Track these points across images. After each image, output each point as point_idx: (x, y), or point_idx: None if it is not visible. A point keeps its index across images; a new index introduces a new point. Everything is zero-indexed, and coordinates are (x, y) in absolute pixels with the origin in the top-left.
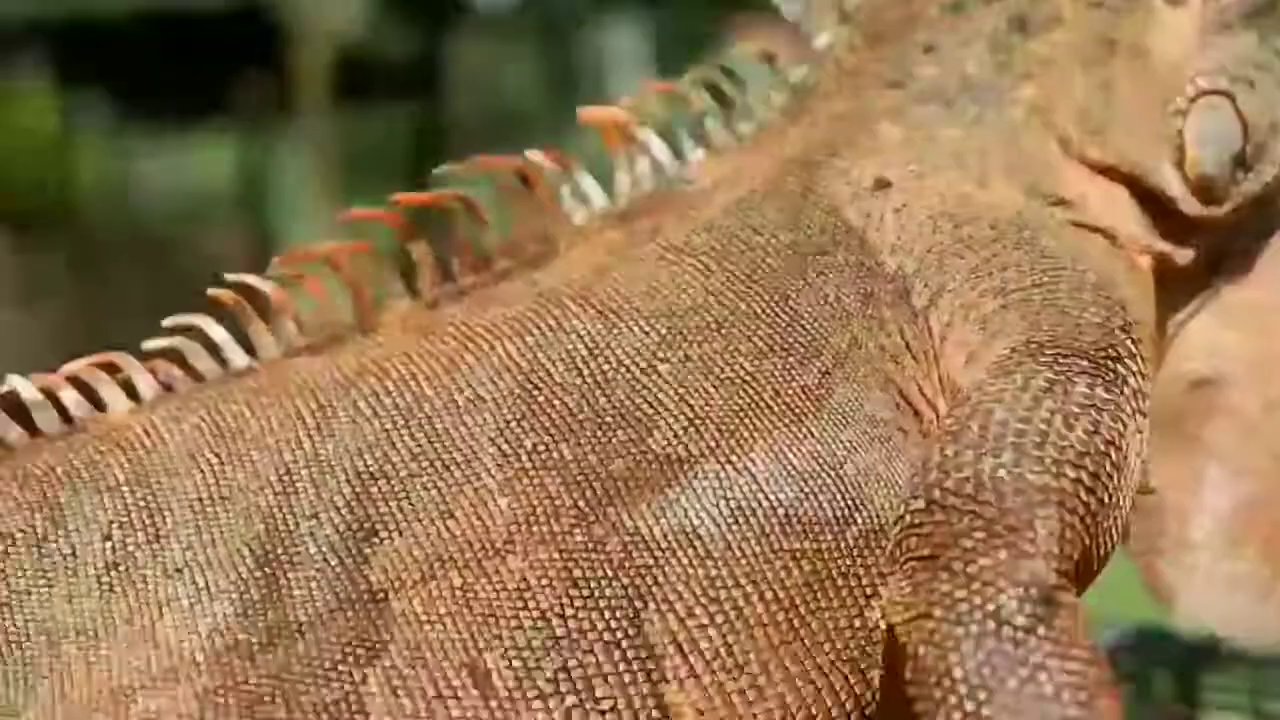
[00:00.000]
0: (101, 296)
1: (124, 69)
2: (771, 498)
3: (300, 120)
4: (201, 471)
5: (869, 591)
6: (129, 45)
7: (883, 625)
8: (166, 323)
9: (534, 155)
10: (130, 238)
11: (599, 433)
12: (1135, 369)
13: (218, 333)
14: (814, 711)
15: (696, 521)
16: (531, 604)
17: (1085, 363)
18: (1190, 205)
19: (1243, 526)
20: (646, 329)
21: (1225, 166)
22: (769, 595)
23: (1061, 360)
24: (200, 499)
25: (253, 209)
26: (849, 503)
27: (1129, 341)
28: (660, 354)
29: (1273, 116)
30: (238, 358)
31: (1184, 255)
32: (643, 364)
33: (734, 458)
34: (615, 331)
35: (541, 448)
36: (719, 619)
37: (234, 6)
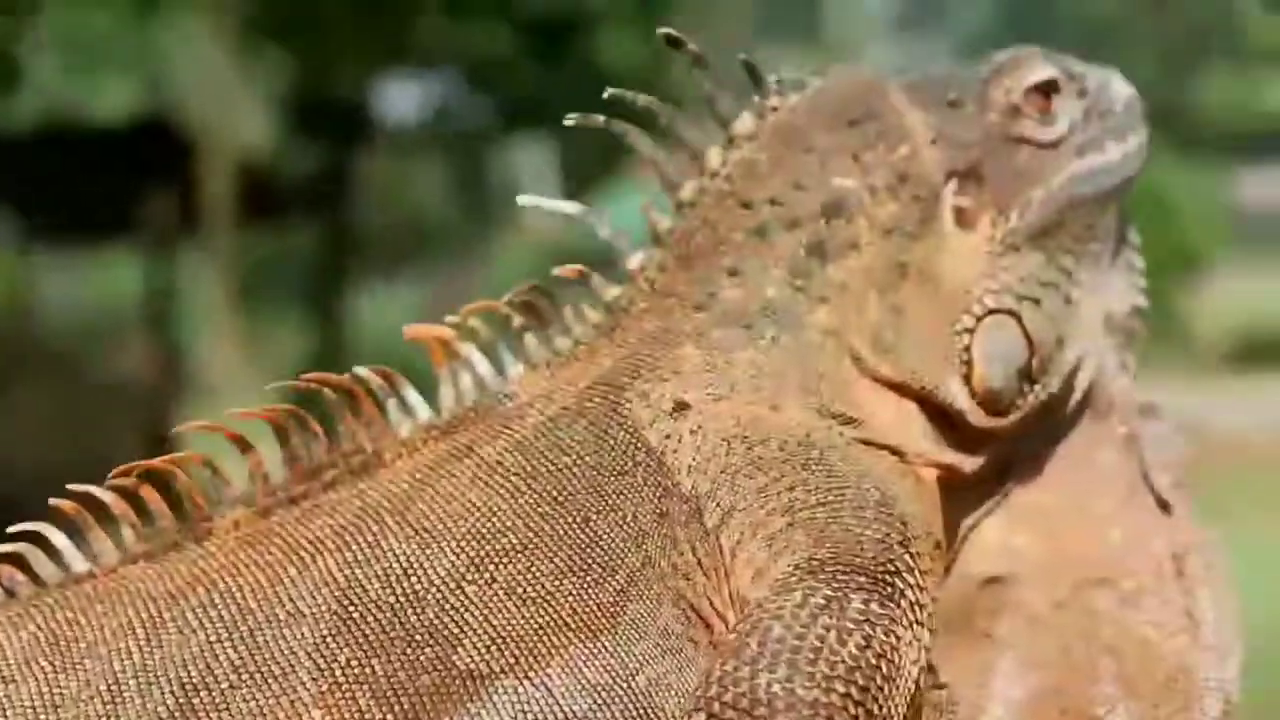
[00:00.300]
0: (6, 413)
1: (29, 187)
2: (566, 710)
3: (207, 237)
4: (36, 679)
5: None
6: (34, 162)
7: None
8: (11, 530)
9: (361, 370)
10: (35, 355)
11: (409, 649)
12: (913, 582)
13: (58, 539)
14: None
15: None
16: None
17: (863, 579)
18: (978, 418)
19: (1032, 716)
20: (457, 550)
21: (1011, 380)
22: None
23: (840, 577)
24: (34, 707)
25: (160, 326)
26: (640, 712)
27: (907, 556)
28: (468, 575)
29: (1058, 332)
30: (77, 563)
31: (972, 464)
32: (452, 584)
33: (532, 673)
34: (428, 551)
35: (355, 662)
36: None
37: (141, 122)
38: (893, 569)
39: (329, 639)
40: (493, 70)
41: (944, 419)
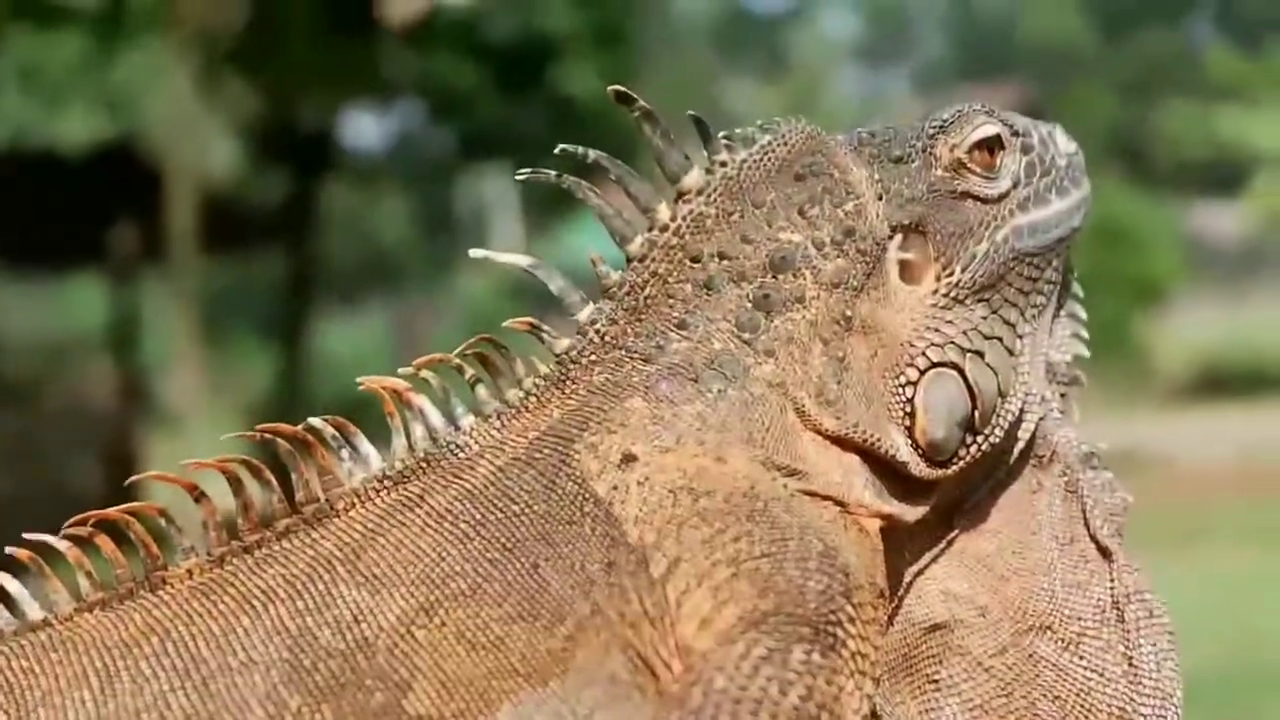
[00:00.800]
0: None
1: None
2: None
3: (171, 265)
4: None
5: None
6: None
7: None
8: None
9: (315, 421)
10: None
11: (359, 695)
12: (855, 632)
13: (14, 587)
14: None
15: None
16: None
17: (806, 630)
18: (921, 469)
19: None
20: (407, 596)
21: (954, 431)
22: None
23: (783, 628)
24: None
25: (124, 354)
26: None
27: (850, 606)
28: (418, 621)
29: (1000, 383)
30: (33, 611)
31: (915, 513)
32: (402, 630)
33: (482, 718)
34: (378, 598)
35: (306, 709)
36: None
37: (105, 151)
38: (835, 620)
39: (280, 687)
40: (456, 101)
41: (888, 470)
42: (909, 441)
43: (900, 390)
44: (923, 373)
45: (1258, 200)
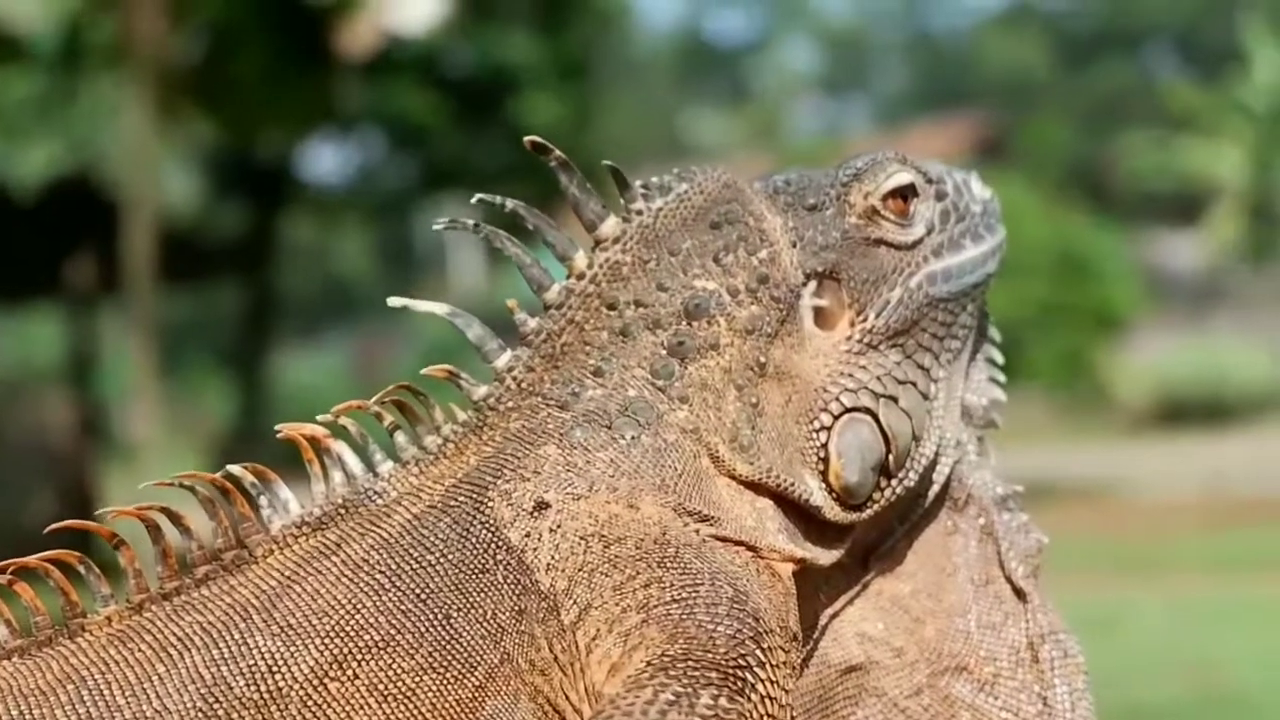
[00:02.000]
0: None
1: None
2: None
3: (128, 297)
4: None
5: None
6: None
7: None
8: None
9: (234, 468)
10: None
11: None
12: (765, 676)
13: None
14: None
15: None
16: None
17: (714, 674)
18: (835, 513)
19: None
20: (320, 647)
21: (868, 476)
22: None
23: (690, 673)
24: None
25: (81, 386)
26: None
27: (759, 651)
28: (331, 672)
29: (915, 428)
30: None
31: (829, 556)
32: (315, 681)
33: None
34: (292, 649)
35: None
36: None
37: (63, 184)
38: (744, 664)
39: None
40: (415, 133)
41: (802, 514)
42: (823, 486)
43: (814, 435)
44: (836, 418)
45: (1217, 230)
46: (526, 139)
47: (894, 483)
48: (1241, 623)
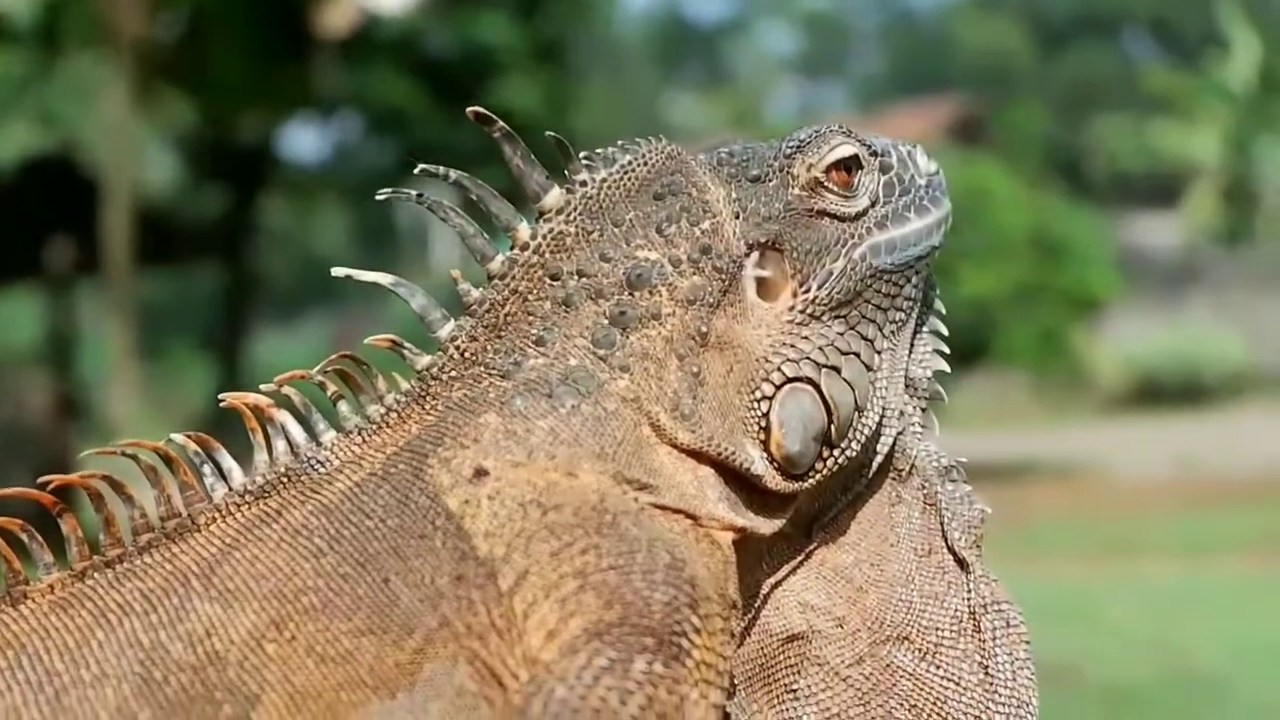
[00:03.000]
0: None
1: None
2: None
3: (107, 279)
4: None
5: None
6: None
7: None
8: None
9: (177, 437)
10: None
11: (208, 707)
12: (701, 643)
13: None
14: None
15: None
16: None
17: (649, 640)
18: (776, 482)
19: None
20: (258, 610)
21: (809, 446)
22: None
23: (625, 639)
24: None
25: (60, 367)
26: None
27: (695, 618)
28: (269, 634)
29: (857, 398)
30: None
31: (771, 526)
32: (252, 643)
33: None
34: (230, 612)
35: None
36: None
37: (42, 166)
38: (680, 630)
39: (131, 699)
40: (395, 115)
41: (743, 483)
42: (764, 455)
43: (755, 405)
44: (778, 388)
45: (1193, 213)
46: (469, 109)
47: (836, 453)
48: (1213, 604)
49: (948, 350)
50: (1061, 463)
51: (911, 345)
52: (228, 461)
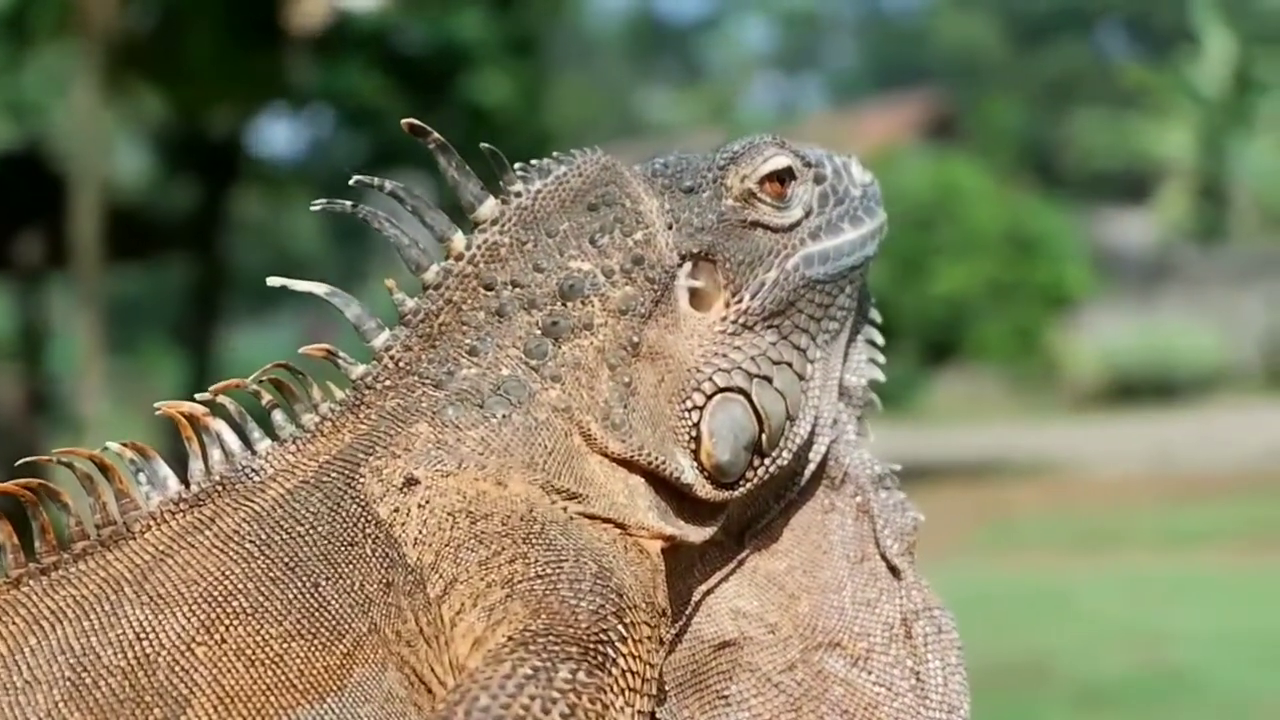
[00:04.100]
0: None
1: None
2: None
3: (76, 273)
4: None
5: None
6: None
7: None
8: None
9: (113, 445)
10: None
11: (138, 711)
12: (627, 651)
13: None
14: None
15: None
16: None
17: (574, 649)
18: (706, 490)
19: None
20: (188, 615)
21: (740, 455)
22: None
23: (550, 647)
24: None
25: (30, 361)
26: None
27: (621, 626)
28: (199, 638)
29: (789, 407)
30: None
31: (702, 534)
32: (183, 647)
33: None
34: (161, 617)
35: None
36: None
37: (11, 158)
38: (605, 639)
39: (61, 704)
40: (367, 110)
41: (674, 492)
42: (695, 464)
43: (686, 415)
44: (709, 397)
45: (1165, 210)
46: (404, 121)
47: (767, 461)
48: (1188, 598)
49: (883, 359)
50: (1036, 459)
51: (846, 354)
52: (163, 470)
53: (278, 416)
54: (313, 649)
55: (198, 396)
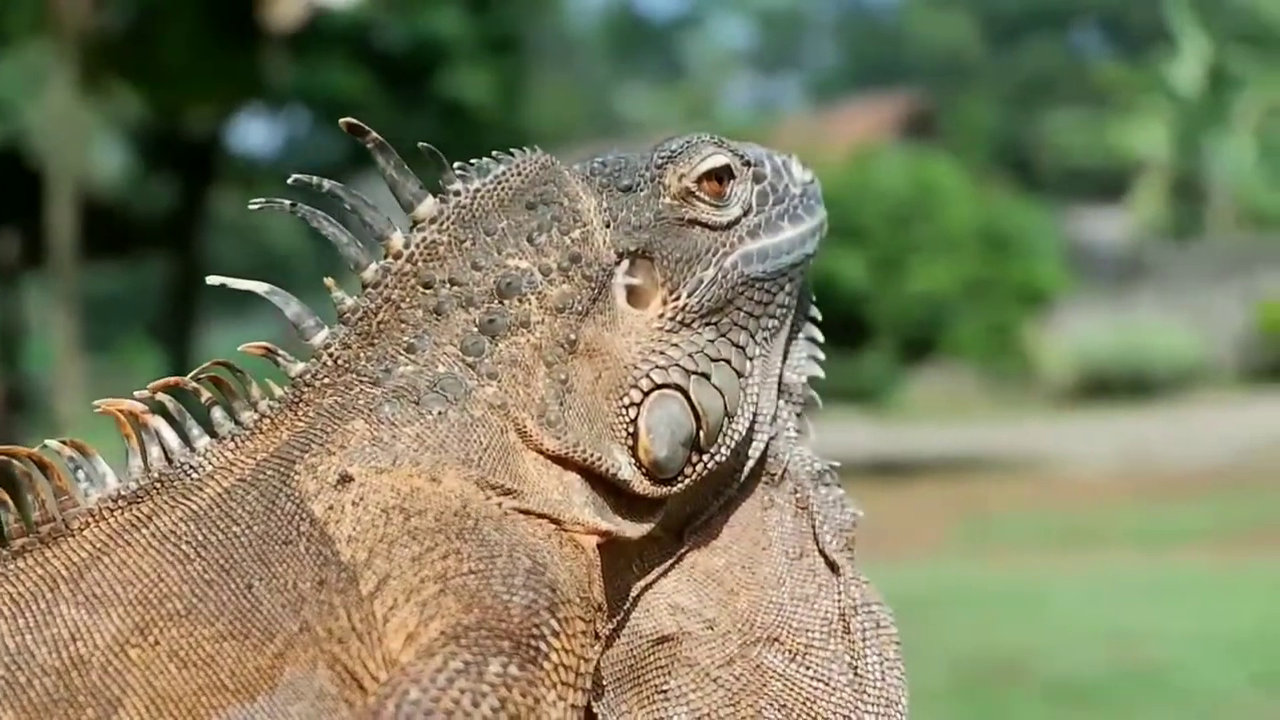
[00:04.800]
0: None
1: None
2: None
3: (53, 271)
4: None
5: None
6: None
7: None
8: None
9: (52, 442)
10: None
11: (71, 711)
12: (559, 645)
13: None
14: None
15: None
16: None
17: (506, 643)
18: (644, 487)
19: None
20: (123, 615)
21: (677, 451)
22: None
23: (481, 642)
24: None
25: (6, 359)
26: None
27: (554, 621)
28: (133, 639)
29: (727, 404)
30: None
31: (639, 530)
32: (116, 648)
33: None
34: (96, 617)
35: None
36: None
37: None
38: (538, 633)
39: None
40: (345, 107)
41: (610, 488)
42: (632, 461)
43: (623, 411)
44: (646, 394)
45: (1140, 208)
46: (342, 120)
47: (705, 458)
48: (1163, 596)
49: (823, 356)
50: (1011, 456)
51: (786, 351)
52: (102, 467)
53: (217, 414)
54: (244, 650)
55: (137, 393)
